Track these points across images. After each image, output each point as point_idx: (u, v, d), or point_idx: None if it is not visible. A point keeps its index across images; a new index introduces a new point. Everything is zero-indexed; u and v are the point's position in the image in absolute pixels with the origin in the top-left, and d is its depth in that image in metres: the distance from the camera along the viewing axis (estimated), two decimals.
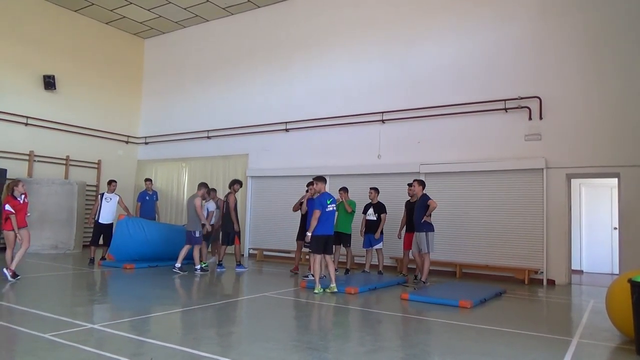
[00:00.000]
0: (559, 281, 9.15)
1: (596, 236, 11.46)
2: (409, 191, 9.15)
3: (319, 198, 7.59)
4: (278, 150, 12.91)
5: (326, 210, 7.45)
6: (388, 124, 11.26)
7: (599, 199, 11.53)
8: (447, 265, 10.08)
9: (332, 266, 7.55)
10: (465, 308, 6.40)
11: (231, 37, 14.36)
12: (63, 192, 12.55)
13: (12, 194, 7.74)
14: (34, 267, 9.50)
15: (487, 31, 10.30)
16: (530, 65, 9.73)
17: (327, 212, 7.47)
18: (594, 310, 6.61)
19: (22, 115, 13.04)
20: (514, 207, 9.57)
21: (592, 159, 8.97)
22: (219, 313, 6.04)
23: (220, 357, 3.94)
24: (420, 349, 4.58)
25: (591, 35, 9.23)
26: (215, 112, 14.42)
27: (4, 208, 7.69)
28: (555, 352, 4.42)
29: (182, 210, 14.69)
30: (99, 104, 14.93)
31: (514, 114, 9.79)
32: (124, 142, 15.73)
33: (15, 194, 7.75)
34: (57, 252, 12.14)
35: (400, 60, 11.30)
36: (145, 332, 4.85)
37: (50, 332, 4.53)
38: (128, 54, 16.01)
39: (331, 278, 7.46)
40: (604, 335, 5.19)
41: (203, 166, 14.48)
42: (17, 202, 7.75)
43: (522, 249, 9.43)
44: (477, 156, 10.04)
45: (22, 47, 13.14)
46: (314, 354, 4.16)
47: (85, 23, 14.70)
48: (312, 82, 12.59)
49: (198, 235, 9.24)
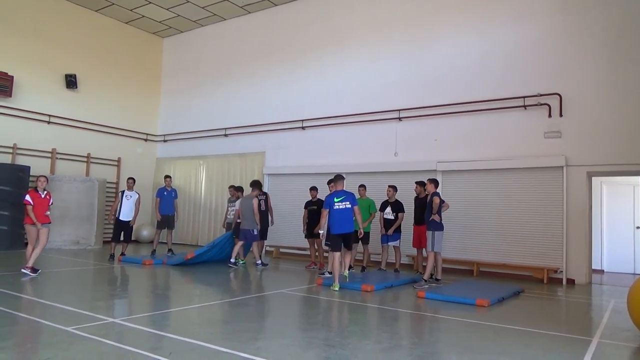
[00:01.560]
0: (579, 280, 9.01)
1: (618, 235, 11.25)
2: (416, 189, 9.29)
3: (327, 197, 7.72)
4: (294, 148, 12.95)
5: (333, 208, 7.49)
6: (405, 121, 11.20)
7: (621, 197, 11.31)
8: (464, 264, 10.01)
9: (349, 260, 7.75)
10: (483, 307, 6.35)
11: (248, 35, 14.44)
12: (84, 189, 12.80)
13: (35, 187, 8.06)
14: (55, 262, 9.71)
15: (506, 28, 10.17)
16: (550, 62, 9.58)
17: (335, 210, 7.49)
18: (615, 310, 6.50)
19: (45, 113, 13.31)
20: (533, 206, 9.45)
21: (614, 157, 8.79)
22: (236, 309, 6.09)
23: (238, 352, 3.98)
24: (437, 347, 4.57)
25: (611, 32, 9.05)
26: (232, 110, 14.52)
27: (24, 198, 7.93)
28: (575, 352, 4.37)
29: (200, 207, 14.86)
30: (118, 102, 15.16)
31: (533, 111, 9.65)
32: (143, 140, 15.95)
33: (38, 188, 8.03)
34: (78, 248, 12.38)
35: (417, 58, 11.23)
36: (164, 327, 4.92)
37: (72, 325, 4.63)
38: (147, 53, 16.22)
39: (345, 266, 7.71)
40: (625, 335, 5.10)
41: (220, 164, 14.60)
42: (38, 195, 7.97)
43: (541, 247, 9.31)
44: (495, 154, 9.93)
45: (44, 46, 13.41)
46: (331, 351, 4.18)
47: (105, 23, 14.94)
48: (328, 80, 12.60)
49: (255, 233, 9.88)
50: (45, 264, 8.57)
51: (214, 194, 14.69)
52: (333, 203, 7.52)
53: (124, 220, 10.25)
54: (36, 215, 7.82)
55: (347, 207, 7.58)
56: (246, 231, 9.81)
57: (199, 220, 14.90)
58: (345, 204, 7.56)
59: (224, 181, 14.23)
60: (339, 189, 7.73)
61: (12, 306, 5.46)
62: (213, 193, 14.72)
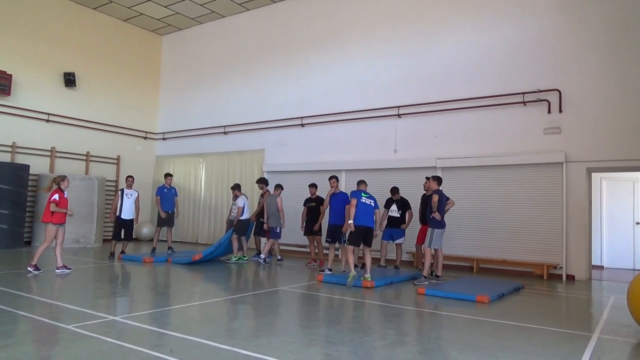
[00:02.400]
0: (578, 276, 9.02)
1: (618, 231, 11.27)
2: (425, 185, 9.09)
3: (354, 191, 7.94)
4: (294, 145, 12.95)
5: (360, 200, 7.69)
6: (404, 118, 11.20)
7: (621, 193, 11.32)
8: (465, 260, 10.02)
9: (370, 258, 7.78)
10: (483, 303, 6.36)
11: (247, 32, 14.41)
12: (84, 187, 12.78)
13: (60, 187, 8.06)
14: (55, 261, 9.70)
15: (506, 24, 10.15)
16: (550, 59, 9.57)
17: (361, 202, 7.71)
18: (615, 306, 6.51)
19: (44, 112, 13.30)
20: (532, 202, 9.45)
21: (613, 153, 8.80)
22: (236, 306, 6.11)
23: (239, 349, 3.99)
24: (437, 343, 4.58)
25: (611, 28, 9.05)
26: (231, 107, 14.51)
27: (52, 198, 7.88)
28: (575, 348, 4.38)
29: (199, 205, 14.86)
30: (117, 100, 15.15)
31: (532, 108, 9.65)
32: (142, 138, 15.93)
33: (62, 188, 8.06)
34: (79, 246, 12.39)
35: (417, 55, 11.22)
36: (165, 325, 4.93)
37: (74, 323, 4.64)
38: (146, 50, 16.19)
39: (367, 269, 7.69)
40: (625, 331, 5.11)
41: (220, 162, 14.60)
42: (63, 194, 8.05)
43: (541, 243, 9.32)
44: (494, 150, 9.93)
45: (42, 45, 13.38)
46: (331, 347, 4.19)
47: (104, 20, 14.90)
48: (327, 77, 12.59)
49: (278, 230, 10.38)
50: (45, 263, 8.56)
51: (214, 191, 14.69)
52: (360, 196, 7.76)
53: (125, 219, 10.25)
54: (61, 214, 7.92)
55: (371, 205, 7.90)
56: (271, 228, 10.31)
57: (199, 218, 14.90)
58: (370, 201, 7.89)
59: (224, 179, 14.25)
60: (362, 188, 8.04)
61: (13, 305, 5.46)
62: (213, 191, 14.72)
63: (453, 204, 8.64)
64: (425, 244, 8.06)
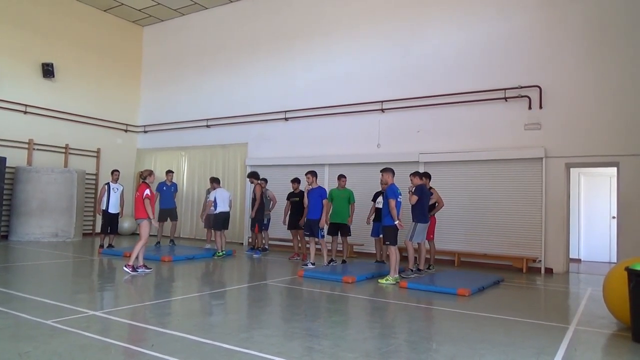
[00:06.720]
0: (556, 269, 9.21)
1: (595, 225, 11.52)
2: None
3: (391, 188, 7.58)
4: (277, 139, 12.90)
5: (398, 200, 7.55)
6: (388, 113, 11.24)
7: (598, 188, 11.56)
8: (446, 254, 10.12)
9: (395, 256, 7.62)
10: (464, 296, 6.45)
11: (231, 25, 14.27)
12: (63, 181, 12.55)
13: (146, 181, 7.87)
14: (34, 254, 9.54)
15: (488, 20, 10.24)
16: (531, 55, 9.69)
17: (399, 202, 7.59)
18: (592, 298, 6.67)
19: (21, 103, 12.99)
20: (513, 196, 9.60)
21: (592, 148, 8.97)
22: (219, 300, 6.09)
23: (221, 343, 3.98)
24: (418, 336, 4.63)
25: (591, 25, 9.19)
26: (214, 100, 14.38)
27: (144, 193, 7.67)
28: (553, 339, 4.47)
29: (181, 199, 14.71)
30: (97, 92, 14.87)
31: (514, 103, 9.77)
32: (123, 130, 15.69)
33: (148, 182, 7.89)
34: (57, 240, 12.18)
35: (401, 49, 11.25)
36: (146, 319, 4.88)
37: (52, 318, 4.57)
38: (127, 41, 15.91)
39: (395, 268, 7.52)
40: (601, 322, 5.24)
41: (202, 155, 14.48)
42: (151, 189, 7.89)
43: (521, 237, 9.47)
44: (476, 145, 10.04)
45: (20, 34, 13.05)
46: (314, 341, 4.21)
47: (84, 10, 14.59)
48: (312, 71, 12.55)
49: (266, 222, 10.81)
50: (23, 257, 8.43)
51: (196, 185, 14.57)
52: (398, 194, 7.61)
53: (112, 212, 10.31)
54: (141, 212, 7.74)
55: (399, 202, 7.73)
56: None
57: (181, 212, 14.72)
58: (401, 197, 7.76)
59: (206, 172, 14.12)
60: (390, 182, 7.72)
61: None
62: (195, 184, 14.60)
63: (443, 205, 8.81)
64: (406, 237, 8.10)
